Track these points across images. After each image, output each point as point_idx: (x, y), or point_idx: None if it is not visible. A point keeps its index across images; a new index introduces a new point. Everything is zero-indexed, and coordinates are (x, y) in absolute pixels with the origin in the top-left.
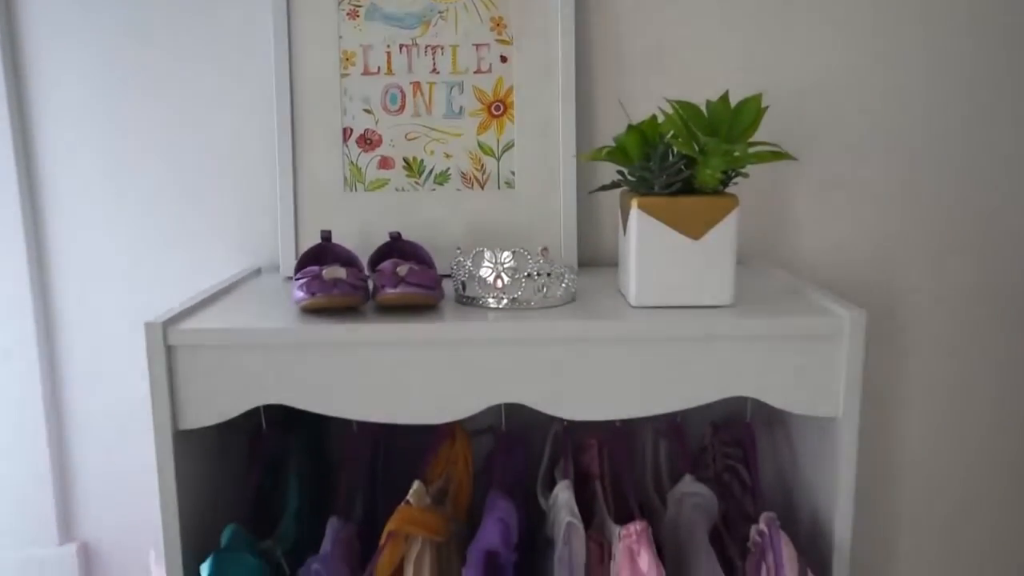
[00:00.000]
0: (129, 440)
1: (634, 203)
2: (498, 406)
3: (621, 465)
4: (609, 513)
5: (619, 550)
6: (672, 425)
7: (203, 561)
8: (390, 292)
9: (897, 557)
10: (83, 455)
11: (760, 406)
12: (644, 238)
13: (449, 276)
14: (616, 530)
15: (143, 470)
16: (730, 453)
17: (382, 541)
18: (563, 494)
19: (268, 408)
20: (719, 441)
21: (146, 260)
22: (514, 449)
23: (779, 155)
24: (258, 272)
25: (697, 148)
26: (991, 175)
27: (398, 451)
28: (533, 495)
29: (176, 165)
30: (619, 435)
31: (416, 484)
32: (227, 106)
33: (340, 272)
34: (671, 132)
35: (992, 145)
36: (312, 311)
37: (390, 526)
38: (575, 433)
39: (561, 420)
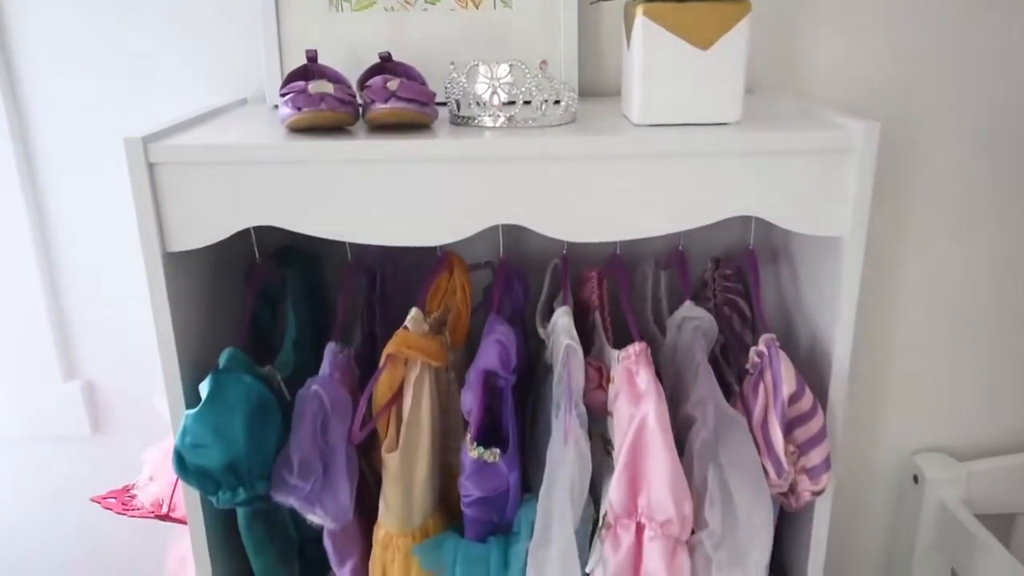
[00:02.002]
0: (126, 274)
1: (639, 11)
2: (496, 238)
3: (621, 297)
4: (608, 342)
5: (618, 372)
6: (673, 256)
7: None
8: (381, 108)
9: (893, 380)
10: (78, 292)
11: (763, 235)
12: (649, 49)
13: (444, 104)
14: (615, 354)
15: (142, 305)
16: (730, 287)
17: (381, 364)
18: (562, 319)
19: (263, 242)
20: (720, 276)
21: (127, 96)
22: (512, 282)
23: None
24: (244, 102)
25: None
26: None
27: (395, 285)
28: (532, 330)
29: None
30: (619, 267)
31: (414, 310)
32: None
33: (327, 86)
34: None
35: None
36: (299, 130)
37: (388, 349)
38: (574, 266)
39: (561, 249)
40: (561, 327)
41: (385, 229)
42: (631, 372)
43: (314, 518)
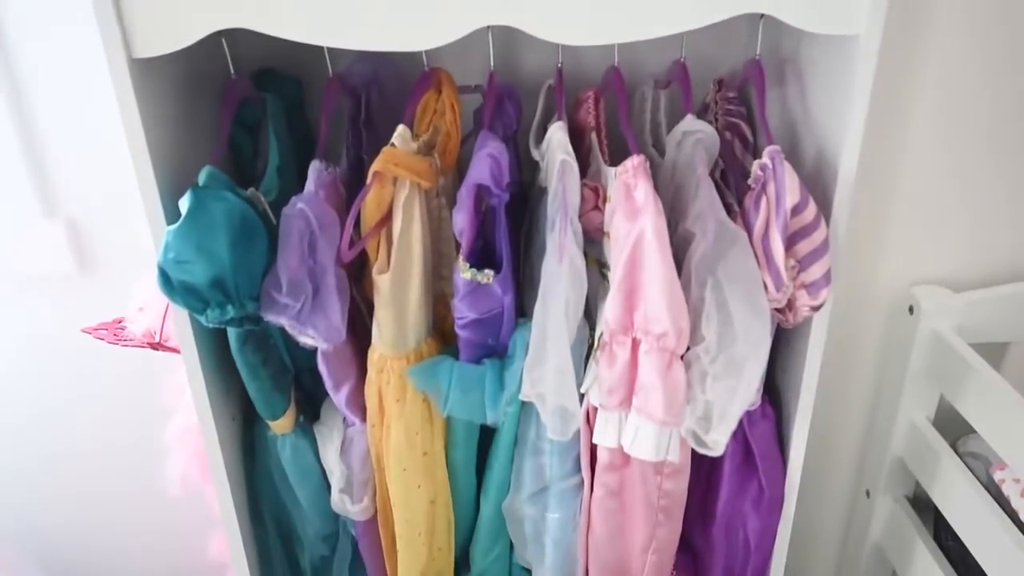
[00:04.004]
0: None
1: None
2: (485, 57)
3: (620, 114)
4: (605, 163)
5: (614, 188)
6: (674, 72)
7: None
8: None
9: (895, 210)
10: (51, 126)
11: (771, 46)
12: None
13: None
14: (612, 172)
15: (119, 132)
16: (732, 111)
17: (368, 181)
18: (557, 135)
19: (239, 65)
20: (722, 98)
21: None
22: (504, 104)
23: None
24: None
25: None
26: None
27: (381, 109)
28: (526, 159)
29: None
30: (617, 82)
31: (401, 127)
32: None
33: None
34: None
35: None
36: None
37: (375, 166)
38: (570, 92)
39: (555, 67)
40: (556, 143)
41: (365, 32)
42: (628, 187)
43: (306, 339)
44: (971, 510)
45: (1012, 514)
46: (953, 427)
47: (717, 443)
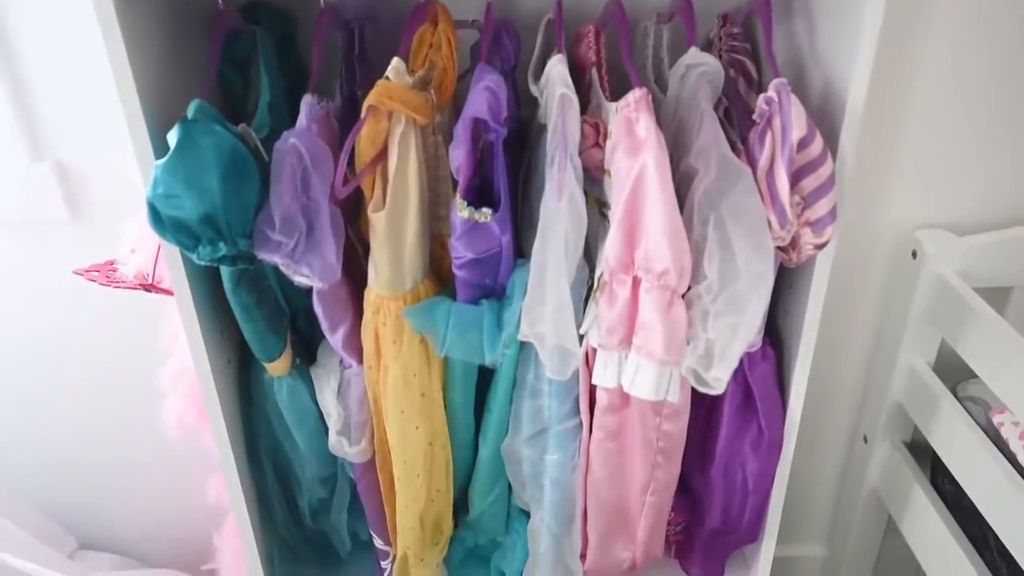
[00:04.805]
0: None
1: None
2: None
3: (621, 47)
4: (606, 98)
5: (615, 123)
6: (677, 4)
7: None
8: None
9: (902, 153)
10: (36, 64)
11: None
12: None
13: None
14: (613, 107)
15: (105, 69)
16: (737, 47)
17: (362, 116)
18: (556, 68)
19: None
20: (726, 34)
21: None
22: (502, 38)
23: None
24: None
25: None
26: None
27: (375, 45)
28: (525, 97)
29: None
30: (619, 15)
31: (395, 60)
32: None
33: None
34: None
35: None
36: None
37: (369, 100)
38: (570, 22)
39: (552, 6)
40: (556, 76)
41: None
42: (630, 121)
43: (301, 279)
44: (970, 453)
45: (1010, 456)
46: (952, 373)
47: (718, 381)
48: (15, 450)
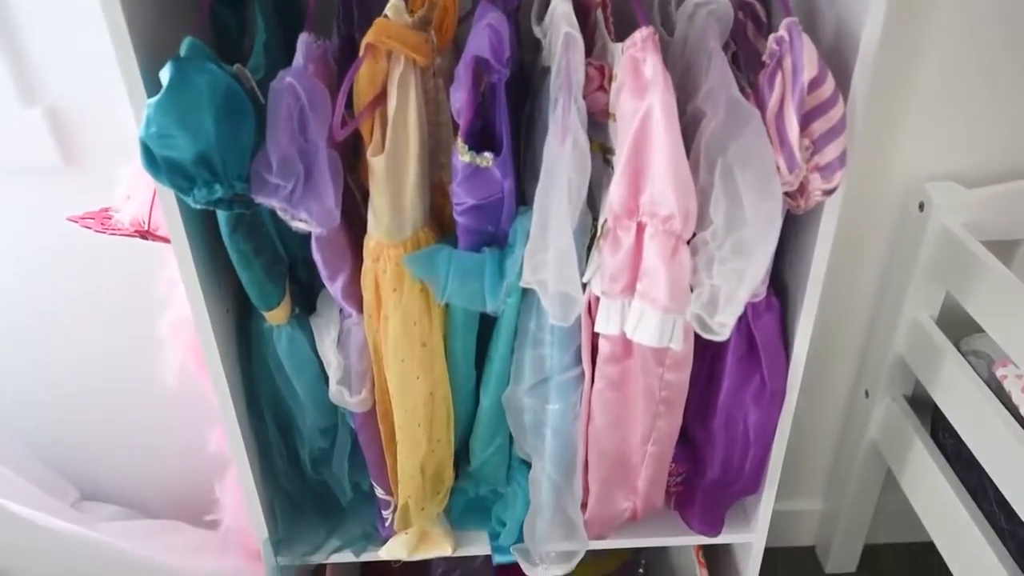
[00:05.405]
0: None
1: None
2: None
3: None
4: (611, 39)
5: (621, 64)
6: None
7: None
8: None
9: (916, 89)
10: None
11: None
12: None
13: None
14: (618, 48)
15: (96, 15)
16: None
17: (360, 55)
18: (560, 7)
19: None
20: None
21: None
22: None
23: None
24: None
25: None
26: None
27: None
28: (527, 41)
29: None
30: None
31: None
32: None
33: None
34: None
35: None
36: None
37: (368, 38)
38: None
39: None
40: (560, 15)
41: None
42: (636, 61)
43: (299, 224)
44: (972, 406)
45: (1012, 409)
46: (955, 328)
47: (723, 327)
48: (13, 401)
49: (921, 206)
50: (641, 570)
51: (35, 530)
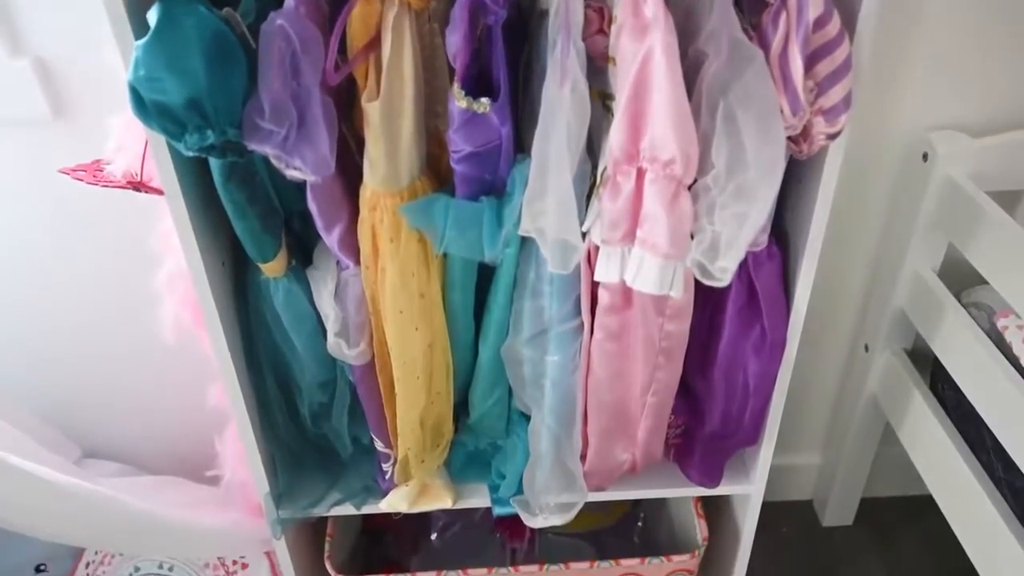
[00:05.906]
0: None
1: None
2: None
3: None
4: None
5: (621, 4)
6: None
7: None
8: None
9: (920, 38)
10: None
11: None
12: None
13: None
14: None
15: None
16: None
17: None
18: None
19: None
20: None
21: None
22: None
23: None
24: None
25: None
26: None
27: None
28: None
29: None
30: None
31: None
32: None
33: None
34: None
35: None
36: None
37: None
38: None
39: None
40: None
41: None
42: (637, 1)
43: (293, 172)
44: (973, 357)
45: (1013, 360)
46: (956, 281)
47: (724, 272)
48: (11, 358)
49: (925, 156)
50: (640, 523)
51: (36, 483)
